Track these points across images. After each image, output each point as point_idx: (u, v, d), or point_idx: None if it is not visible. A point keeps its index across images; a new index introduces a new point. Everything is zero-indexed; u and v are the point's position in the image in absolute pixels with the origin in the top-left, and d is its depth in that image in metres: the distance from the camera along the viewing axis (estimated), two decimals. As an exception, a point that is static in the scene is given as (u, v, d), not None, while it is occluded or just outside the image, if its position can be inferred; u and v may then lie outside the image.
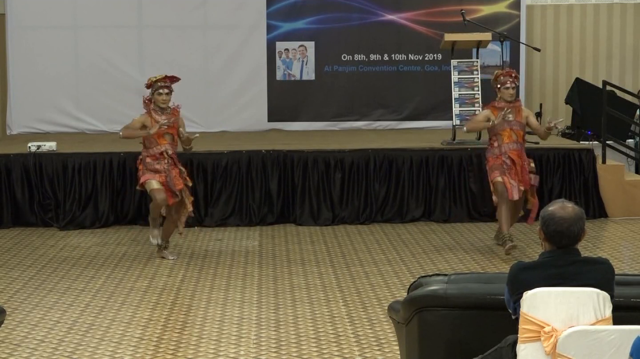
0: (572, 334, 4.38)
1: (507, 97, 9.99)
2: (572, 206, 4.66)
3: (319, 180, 11.90)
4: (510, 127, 9.94)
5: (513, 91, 10.00)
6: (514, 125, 9.96)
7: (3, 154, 11.92)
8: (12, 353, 6.89)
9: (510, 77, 10.02)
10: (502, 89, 10.01)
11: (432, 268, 9.36)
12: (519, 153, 9.94)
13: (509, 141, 9.92)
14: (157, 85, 9.76)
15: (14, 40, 14.65)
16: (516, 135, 9.95)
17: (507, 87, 9.97)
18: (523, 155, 9.97)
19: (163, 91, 9.76)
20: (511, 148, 9.91)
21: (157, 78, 9.78)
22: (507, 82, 9.98)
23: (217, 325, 7.53)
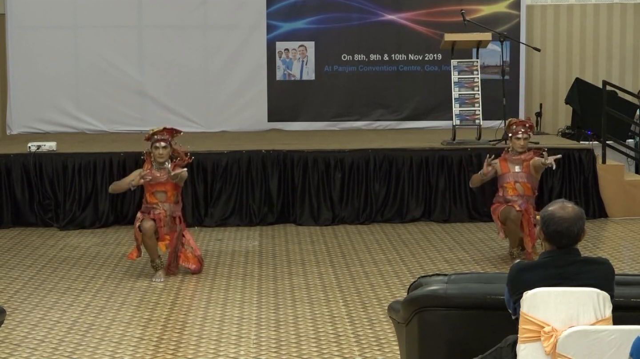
0: (572, 334, 4.39)
1: (517, 147, 9.47)
2: (572, 206, 4.66)
3: (319, 180, 11.90)
4: (515, 180, 9.45)
5: (524, 142, 9.46)
6: (521, 178, 9.45)
7: (3, 154, 11.92)
8: (12, 353, 6.89)
9: (523, 126, 9.52)
10: (513, 139, 9.51)
11: (432, 268, 9.36)
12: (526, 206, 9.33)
13: (513, 194, 9.42)
14: (153, 138, 9.18)
15: (14, 40, 14.65)
16: (523, 188, 9.43)
17: (518, 137, 9.46)
18: (528, 208, 9.32)
19: (159, 144, 9.13)
20: (515, 201, 9.34)
21: (155, 131, 9.21)
22: (519, 132, 9.47)
23: (217, 325, 7.53)
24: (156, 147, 9.13)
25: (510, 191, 9.43)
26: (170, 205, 9.14)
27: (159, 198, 9.13)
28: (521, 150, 9.47)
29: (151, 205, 9.10)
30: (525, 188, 9.44)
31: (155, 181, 9.13)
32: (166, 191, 9.15)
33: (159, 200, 9.11)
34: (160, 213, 9.03)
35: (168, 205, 9.13)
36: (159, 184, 9.12)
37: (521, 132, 9.46)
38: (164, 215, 9.04)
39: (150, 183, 9.10)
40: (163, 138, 9.15)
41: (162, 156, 9.13)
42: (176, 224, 9.15)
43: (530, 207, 9.37)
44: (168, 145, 9.16)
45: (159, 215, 9.00)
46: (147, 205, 9.15)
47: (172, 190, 9.18)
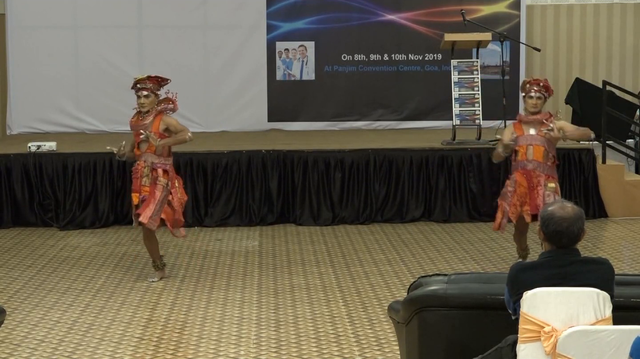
0: (572, 334, 4.39)
1: (530, 107, 8.90)
2: (572, 206, 4.66)
3: (319, 180, 11.90)
4: (528, 143, 8.90)
5: (538, 102, 8.86)
6: (534, 141, 8.89)
7: (3, 154, 11.92)
8: (12, 353, 6.89)
9: (537, 85, 8.92)
10: (526, 98, 8.95)
11: (432, 268, 9.36)
12: (531, 173, 8.87)
13: (522, 159, 8.90)
14: (136, 87, 8.82)
15: (14, 40, 14.65)
16: (534, 152, 8.87)
17: (531, 95, 8.88)
18: (537, 175, 8.86)
19: (141, 93, 8.74)
20: (522, 166, 8.90)
21: (138, 79, 8.82)
22: (531, 90, 8.90)
23: (217, 325, 7.53)
24: (138, 95, 8.73)
25: (520, 155, 8.90)
26: (151, 156, 8.69)
27: (141, 149, 8.74)
28: (534, 110, 8.87)
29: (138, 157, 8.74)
30: (537, 152, 8.86)
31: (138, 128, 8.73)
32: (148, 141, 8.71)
33: (141, 151, 8.73)
34: (139, 164, 8.70)
35: (149, 155, 8.69)
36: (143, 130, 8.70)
37: (534, 90, 8.87)
38: (142, 166, 8.68)
39: (135, 130, 8.74)
40: (145, 87, 8.73)
41: (144, 105, 8.69)
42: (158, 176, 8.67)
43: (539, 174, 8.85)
44: (151, 93, 8.70)
45: (137, 167, 8.71)
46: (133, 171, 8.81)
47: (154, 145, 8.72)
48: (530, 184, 8.90)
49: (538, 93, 8.86)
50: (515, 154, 8.95)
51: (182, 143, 9.02)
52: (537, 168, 8.87)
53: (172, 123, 8.79)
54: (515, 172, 8.97)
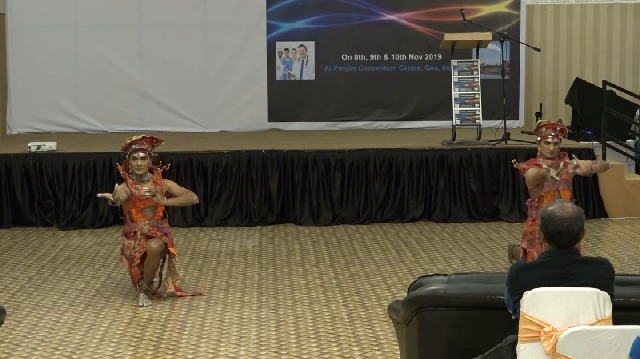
0: (572, 334, 4.39)
1: (547, 153, 8.62)
2: (572, 206, 4.66)
3: (319, 180, 11.90)
4: (556, 188, 8.60)
5: (555, 147, 8.62)
6: (561, 185, 8.61)
7: (3, 154, 11.92)
8: (12, 353, 6.89)
9: (554, 129, 8.63)
10: (543, 143, 8.66)
11: (432, 268, 9.36)
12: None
13: None
14: (131, 148, 8.21)
15: (14, 40, 14.66)
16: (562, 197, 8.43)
17: (547, 141, 8.60)
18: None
19: (138, 155, 8.17)
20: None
21: (133, 140, 8.22)
22: (548, 135, 8.60)
23: (217, 325, 7.53)
24: (134, 157, 8.19)
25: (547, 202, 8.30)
26: (156, 221, 8.29)
27: (146, 215, 8.25)
28: (551, 156, 8.64)
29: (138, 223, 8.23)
30: (565, 197, 8.51)
31: (143, 196, 8.22)
32: (155, 206, 8.28)
33: (146, 217, 8.25)
34: (150, 230, 8.21)
35: (155, 221, 8.28)
36: (148, 199, 8.22)
37: (551, 135, 8.62)
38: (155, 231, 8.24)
39: (139, 198, 8.20)
40: (142, 148, 8.22)
41: (141, 167, 8.20)
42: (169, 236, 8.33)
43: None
44: (147, 155, 8.22)
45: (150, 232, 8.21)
46: (132, 224, 8.26)
47: (161, 205, 8.32)
48: None
49: (556, 139, 8.61)
50: (539, 200, 8.61)
51: (188, 205, 8.93)
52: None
53: (173, 187, 8.46)
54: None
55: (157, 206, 8.25)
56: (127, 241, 8.23)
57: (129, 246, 8.22)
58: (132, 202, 8.21)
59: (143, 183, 8.24)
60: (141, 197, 8.19)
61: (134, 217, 8.23)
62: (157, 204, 8.24)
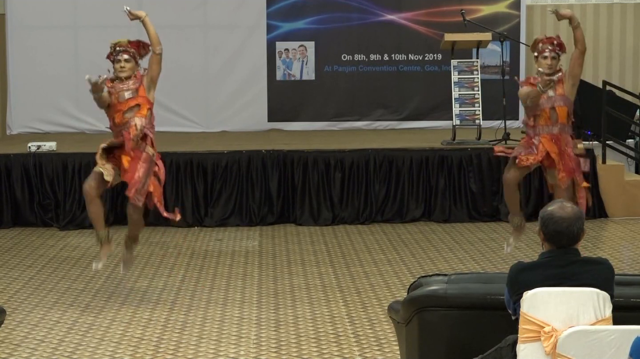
0: (572, 334, 4.39)
1: (546, 67, 8.32)
2: (571, 206, 4.66)
3: (319, 180, 11.90)
4: (551, 105, 8.38)
5: (553, 61, 8.31)
6: (556, 101, 8.38)
7: (3, 154, 11.92)
8: (12, 353, 6.89)
9: (551, 44, 8.35)
10: (540, 58, 8.38)
11: (432, 268, 9.36)
12: (557, 137, 8.37)
13: (545, 123, 8.39)
14: (115, 50, 7.86)
15: (14, 40, 14.66)
16: (557, 115, 8.38)
17: (545, 55, 8.32)
18: (564, 138, 8.38)
19: (122, 57, 7.80)
20: (547, 131, 8.37)
21: (117, 42, 7.89)
22: (545, 50, 8.33)
23: (217, 325, 7.53)
24: (117, 60, 7.80)
25: (543, 119, 8.38)
26: (142, 119, 7.77)
27: (127, 116, 7.80)
28: (549, 71, 8.27)
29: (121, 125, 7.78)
30: (561, 114, 8.36)
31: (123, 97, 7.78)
32: (140, 105, 7.80)
33: (128, 117, 7.79)
34: (131, 127, 7.74)
35: (140, 119, 7.78)
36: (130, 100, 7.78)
37: (548, 49, 8.32)
38: (134, 129, 7.75)
39: (119, 100, 7.74)
40: (127, 49, 7.81)
41: (124, 70, 7.75)
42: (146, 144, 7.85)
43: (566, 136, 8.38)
44: (131, 58, 7.79)
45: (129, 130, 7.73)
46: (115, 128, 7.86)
47: (146, 104, 7.83)
48: (560, 149, 8.38)
49: (553, 53, 8.32)
50: (534, 119, 8.41)
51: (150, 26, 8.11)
52: (562, 131, 8.39)
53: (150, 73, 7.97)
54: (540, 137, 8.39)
55: (140, 105, 7.78)
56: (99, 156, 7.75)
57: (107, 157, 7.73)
58: (114, 106, 7.78)
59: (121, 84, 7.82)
60: (122, 99, 7.76)
61: (116, 121, 7.82)
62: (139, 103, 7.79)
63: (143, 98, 7.81)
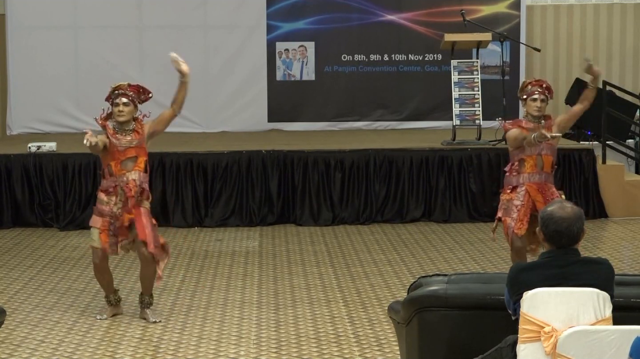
0: (572, 335, 4.39)
1: (534, 111, 8.10)
2: (571, 206, 4.66)
3: (319, 180, 11.90)
4: (538, 153, 8.13)
5: (542, 104, 8.11)
6: (544, 150, 8.14)
7: (3, 154, 11.92)
8: (12, 353, 6.89)
9: (539, 87, 8.17)
10: (529, 101, 8.13)
11: (432, 268, 9.36)
12: (543, 186, 8.12)
13: (531, 171, 8.10)
14: (114, 93, 7.62)
15: (14, 40, 14.66)
16: (543, 163, 8.13)
17: (534, 98, 8.10)
18: (549, 188, 8.14)
19: (120, 100, 7.54)
20: (533, 180, 8.09)
21: (117, 86, 7.64)
22: (534, 92, 8.12)
23: (217, 325, 7.53)
24: (116, 103, 7.55)
25: (529, 167, 8.10)
26: (139, 174, 7.59)
27: (127, 168, 7.56)
28: (537, 114, 8.09)
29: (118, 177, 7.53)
30: (547, 163, 8.14)
31: (124, 146, 7.54)
32: (137, 156, 7.59)
33: (126, 170, 7.55)
34: (130, 183, 7.52)
35: (137, 173, 7.60)
36: (129, 149, 7.56)
37: (537, 92, 8.10)
38: (134, 185, 7.53)
39: (119, 149, 7.52)
40: (126, 93, 7.56)
41: (123, 114, 7.50)
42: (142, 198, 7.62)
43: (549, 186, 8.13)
44: (130, 102, 7.56)
45: (128, 186, 7.51)
46: (111, 178, 7.57)
47: (143, 156, 7.63)
48: (545, 198, 8.03)
49: (542, 96, 8.13)
50: (519, 164, 8.13)
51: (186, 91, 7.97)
52: (547, 180, 8.16)
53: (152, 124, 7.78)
54: (526, 185, 8.09)
55: (138, 158, 7.57)
56: (107, 197, 7.52)
57: (108, 201, 7.52)
58: (112, 154, 7.55)
59: (125, 134, 7.58)
60: (121, 149, 7.53)
61: (113, 170, 7.54)
62: (138, 155, 7.56)
63: (142, 149, 7.62)
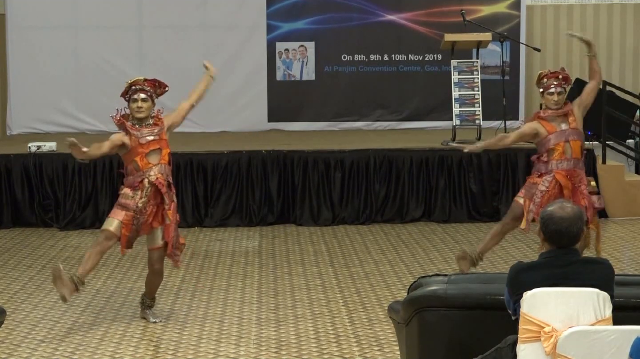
0: (572, 335, 4.39)
1: (552, 104, 8.01)
2: (571, 206, 4.66)
3: (319, 180, 11.90)
4: (565, 139, 8.01)
5: (559, 97, 8.00)
6: (570, 135, 8.02)
7: (3, 154, 11.92)
8: (12, 353, 6.89)
9: (556, 78, 8.05)
10: (546, 94, 8.04)
11: (432, 268, 9.36)
12: (572, 172, 8.00)
13: (560, 158, 7.98)
14: (131, 89, 7.48)
15: (14, 40, 14.66)
16: (572, 149, 8.00)
17: (551, 92, 8.00)
18: (578, 174, 8.03)
19: (138, 96, 7.39)
20: (562, 167, 7.99)
21: (133, 81, 7.55)
22: (551, 85, 8.01)
23: (217, 325, 7.53)
24: (134, 99, 7.38)
25: (558, 154, 7.96)
26: (165, 167, 7.39)
27: (152, 160, 7.36)
28: (555, 107, 8.01)
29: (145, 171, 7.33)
30: (575, 148, 7.99)
31: (145, 138, 7.35)
32: (161, 149, 7.40)
33: (152, 163, 7.35)
34: (159, 178, 7.34)
35: (163, 167, 7.39)
36: (152, 142, 7.36)
37: (554, 85, 8.00)
38: (163, 179, 7.36)
39: (141, 142, 7.34)
40: (144, 89, 7.43)
41: (141, 110, 7.34)
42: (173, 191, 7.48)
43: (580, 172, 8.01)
44: (148, 97, 7.42)
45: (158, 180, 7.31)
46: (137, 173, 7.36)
47: (166, 148, 7.43)
48: (575, 185, 8.01)
49: (559, 88, 8.01)
50: (548, 153, 8.01)
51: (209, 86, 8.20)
52: (576, 166, 8.03)
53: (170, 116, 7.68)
54: (554, 172, 7.98)
55: (162, 150, 7.37)
56: (132, 192, 7.31)
57: (134, 196, 7.29)
58: (134, 149, 7.36)
59: (144, 127, 7.41)
60: (143, 141, 7.34)
61: (139, 165, 7.32)
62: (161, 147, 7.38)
63: (165, 141, 7.45)
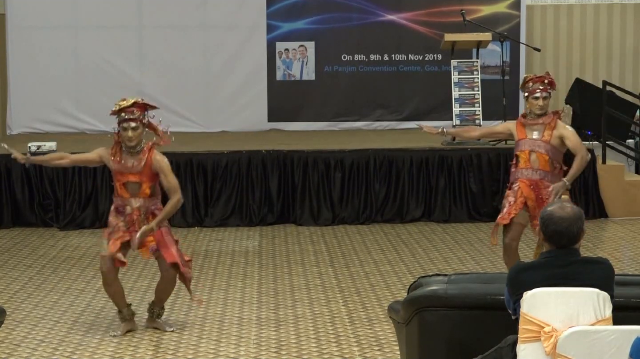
0: (572, 335, 4.39)
1: (536, 109, 7.84)
2: (571, 206, 4.66)
3: (319, 180, 11.90)
4: (531, 149, 7.87)
5: (544, 102, 7.81)
6: (537, 147, 7.85)
7: (3, 154, 11.88)
8: (12, 353, 6.89)
9: (541, 83, 7.86)
10: (531, 99, 7.88)
11: (432, 268, 9.36)
12: (537, 183, 7.82)
13: (525, 166, 7.85)
14: (121, 116, 7.27)
15: (14, 40, 14.66)
16: (538, 161, 7.82)
17: (535, 96, 7.84)
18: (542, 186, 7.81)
19: (128, 125, 7.18)
20: (527, 176, 7.85)
21: (122, 106, 7.29)
22: (536, 90, 7.84)
23: (217, 325, 7.53)
24: (124, 127, 7.22)
25: (523, 162, 7.85)
26: (144, 201, 7.24)
27: (130, 191, 7.25)
28: (540, 112, 7.83)
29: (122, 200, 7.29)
30: (542, 161, 7.81)
31: (127, 170, 7.23)
32: (140, 183, 7.25)
33: (130, 194, 7.25)
34: (133, 213, 7.26)
35: (141, 200, 7.25)
36: (132, 174, 7.23)
37: (539, 89, 7.82)
38: (138, 215, 7.26)
39: (121, 171, 7.25)
40: (133, 117, 7.21)
41: (132, 139, 7.18)
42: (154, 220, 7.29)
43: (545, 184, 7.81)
44: (139, 125, 7.21)
45: (131, 216, 7.25)
46: (118, 198, 7.34)
47: (148, 182, 7.24)
48: (539, 196, 7.82)
49: (544, 93, 7.85)
50: (515, 160, 7.96)
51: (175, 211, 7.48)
52: (544, 178, 7.84)
53: (164, 169, 7.28)
54: (518, 182, 7.91)
55: (142, 184, 7.22)
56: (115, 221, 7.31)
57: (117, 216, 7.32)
58: (115, 174, 7.32)
59: (130, 156, 7.26)
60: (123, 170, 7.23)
61: (118, 192, 7.30)
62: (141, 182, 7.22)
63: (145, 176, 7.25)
